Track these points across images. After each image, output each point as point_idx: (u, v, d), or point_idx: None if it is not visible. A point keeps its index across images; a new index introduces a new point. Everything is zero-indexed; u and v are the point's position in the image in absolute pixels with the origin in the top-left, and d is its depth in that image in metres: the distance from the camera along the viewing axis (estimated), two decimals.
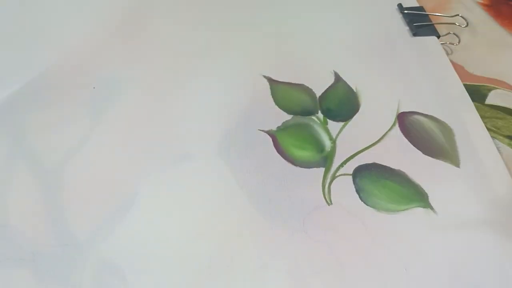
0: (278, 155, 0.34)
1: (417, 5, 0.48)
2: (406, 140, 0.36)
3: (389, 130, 0.36)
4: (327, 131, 0.36)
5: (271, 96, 0.38)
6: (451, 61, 0.42)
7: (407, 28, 0.45)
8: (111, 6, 0.45)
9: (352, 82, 0.40)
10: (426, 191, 0.33)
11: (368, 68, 0.41)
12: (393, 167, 0.34)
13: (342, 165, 0.34)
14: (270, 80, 0.39)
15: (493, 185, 0.33)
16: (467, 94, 0.39)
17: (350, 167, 0.34)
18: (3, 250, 0.29)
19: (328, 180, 0.33)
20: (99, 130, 0.35)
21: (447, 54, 0.43)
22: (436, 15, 0.46)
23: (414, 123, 0.37)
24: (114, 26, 0.43)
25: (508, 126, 0.38)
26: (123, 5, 0.46)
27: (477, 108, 0.38)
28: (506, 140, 0.37)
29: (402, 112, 0.38)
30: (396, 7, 0.47)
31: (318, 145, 0.35)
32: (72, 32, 0.43)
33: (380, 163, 0.34)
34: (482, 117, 0.38)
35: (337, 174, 0.33)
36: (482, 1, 0.50)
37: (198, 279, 0.29)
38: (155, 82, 0.39)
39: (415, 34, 0.44)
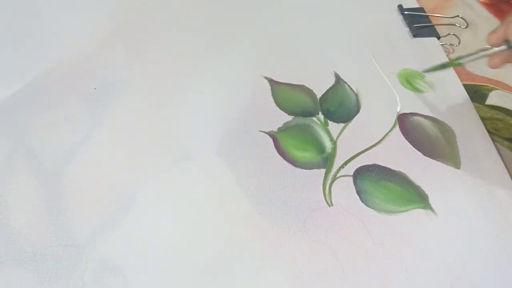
0: (279, 156, 0.34)
1: (417, 6, 0.48)
2: (406, 141, 0.36)
3: (390, 131, 0.36)
4: (328, 132, 0.36)
5: (271, 97, 0.38)
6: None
7: (407, 29, 0.45)
8: (111, 7, 0.45)
9: (353, 83, 0.40)
10: (426, 192, 0.33)
11: (369, 69, 0.41)
12: (393, 168, 0.34)
13: (342, 166, 0.34)
14: (270, 81, 0.39)
15: (493, 187, 0.33)
16: (467, 96, 0.39)
17: (351, 168, 0.34)
18: (4, 250, 0.29)
19: (329, 181, 0.33)
20: (99, 130, 0.35)
21: (447, 54, 0.43)
22: (436, 16, 0.47)
23: (415, 124, 0.37)
24: (114, 26, 0.43)
25: (507, 128, 0.38)
26: (123, 6, 0.45)
27: (477, 109, 0.39)
28: (506, 143, 0.37)
29: (402, 113, 0.38)
30: (397, 8, 0.47)
31: (318, 146, 0.35)
32: (72, 32, 0.43)
33: (380, 164, 0.34)
34: (483, 118, 0.38)
35: (338, 175, 0.34)
36: (482, 0, 0.50)
37: (198, 279, 0.29)
38: (156, 83, 0.39)
39: (415, 35, 0.44)
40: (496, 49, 0.32)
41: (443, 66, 0.38)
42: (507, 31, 0.31)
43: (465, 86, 0.40)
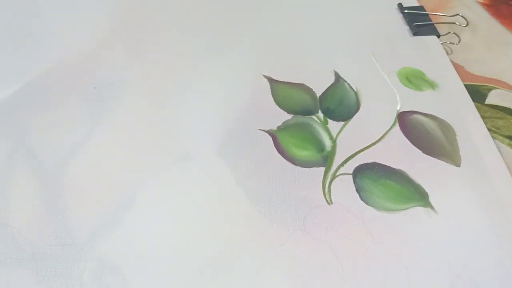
0: (279, 154, 0.34)
1: (417, 4, 0.48)
2: (406, 140, 0.36)
3: (390, 129, 0.36)
4: (327, 131, 0.36)
5: (271, 96, 0.38)
6: (451, 60, 0.42)
7: (407, 27, 0.45)
8: (111, 7, 0.45)
9: (352, 81, 0.40)
10: (426, 190, 0.33)
11: (368, 67, 0.41)
12: (393, 167, 0.34)
13: (342, 164, 0.34)
14: (270, 80, 0.39)
15: (493, 185, 0.33)
16: (467, 93, 0.39)
17: (350, 166, 0.34)
18: (3, 249, 0.29)
19: (329, 180, 0.33)
20: (99, 130, 0.35)
21: (447, 53, 0.43)
22: (436, 14, 0.47)
23: (415, 123, 0.37)
24: (114, 26, 0.44)
25: (508, 126, 0.38)
26: (123, 6, 0.46)
27: (477, 108, 0.38)
28: (506, 140, 0.37)
29: (402, 112, 0.38)
30: (396, 6, 0.47)
31: (318, 145, 0.35)
32: (72, 32, 0.43)
33: (380, 162, 0.34)
34: (482, 117, 0.38)
35: (337, 173, 0.33)
36: (482, 1, 0.50)
37: (198, 279, 0.28)
38: (155, 82, 0.39)
39: (415, 34, 0.44)
40: None
41: None
42: None
43: (465, 86, 0.40)
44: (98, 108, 0.37)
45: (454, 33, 0.45)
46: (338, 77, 0.40)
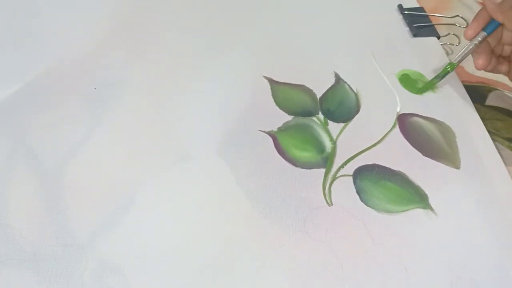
0: (279, 155, 0.34)
1: (417, 5, 0.48)
2: (406, 142, 0.36)
3: (389, 131, 0.36)
4: (328, 132, 0.36)
5: (271, 97, 0.38)
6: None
7: (407, 29, 0.45)
8: (111, 7, 0.45)
9: (353, 83, 0.40)
10: (426, 192, 0.33)
11: (369, 69, 0.41)
12: (393, 168, 0.34)
13: (342, 166, 0.34)
14: (270, 81, 0.39)
15: (493, 187, 0.33)
16: (467, 95, 0.39)
17: (351, 168, 0.34)
18: (5, 250, 0.29)
19: (329, 181, 0.33)
20: (100, 130, 0.35)
21: (447, 54, 0.43)
22: (436, 15, 0.47)
23: (414, 125, 0.37)
24: (114, 26, 0.43)
25: (508, 128, 0.38)
26: (123, 6, 0.45)
27: (477, 109, 0.38)
28: (506, 143, 0.37)
29: (402, 114, 0.38)
30: (397, 7, 0.47)
31: (318, 146, 0.35)
32: (72, 32, 0.43)
33: (380, 164, 0.34)
34: (482, 118, 0.38)
35: (338, 175, 0.34)
36: (482, 1, 0.50)
37: (198, 279, 0.29)
38: (156, 83, 0.39)
39: (415, 35, 0.44)
40: (479, 38, 0.35)
41: (438, 78, 0.39)
42: (488, 10, 0.34)
43: (465, 87, 0.40)
44: (98, 108, 0.37)
45: (454, 34, 0.45)
46: (338, 79, 0.40)
